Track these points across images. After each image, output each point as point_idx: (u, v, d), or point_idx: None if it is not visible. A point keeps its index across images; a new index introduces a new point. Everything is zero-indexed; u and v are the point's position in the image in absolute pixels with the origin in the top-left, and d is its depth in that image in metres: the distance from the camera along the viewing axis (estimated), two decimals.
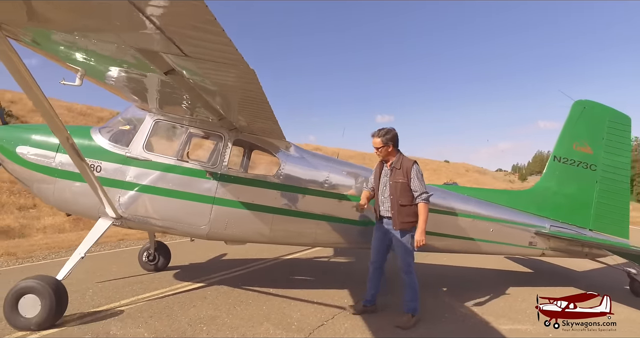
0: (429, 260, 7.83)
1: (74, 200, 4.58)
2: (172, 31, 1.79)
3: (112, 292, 5.00)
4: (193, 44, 1.93)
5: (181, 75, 2.72)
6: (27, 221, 11.95)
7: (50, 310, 3.69)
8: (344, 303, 4.79)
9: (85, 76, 3.40)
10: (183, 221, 4.60)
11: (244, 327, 3.92)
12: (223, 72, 2.38)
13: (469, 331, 3.99)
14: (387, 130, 4.20)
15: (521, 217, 5.44)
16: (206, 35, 1.77)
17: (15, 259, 7.61)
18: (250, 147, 5.15)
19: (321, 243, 5.19)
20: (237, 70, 2.28)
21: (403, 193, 4.06)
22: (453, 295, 5.28)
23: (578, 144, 5.67)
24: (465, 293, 5.32)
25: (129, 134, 4.73)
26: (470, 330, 4.03)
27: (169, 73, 2.68)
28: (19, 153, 4.62)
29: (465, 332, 3.95)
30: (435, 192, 5.37)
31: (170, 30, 1.77)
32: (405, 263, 4.12)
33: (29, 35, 2.64)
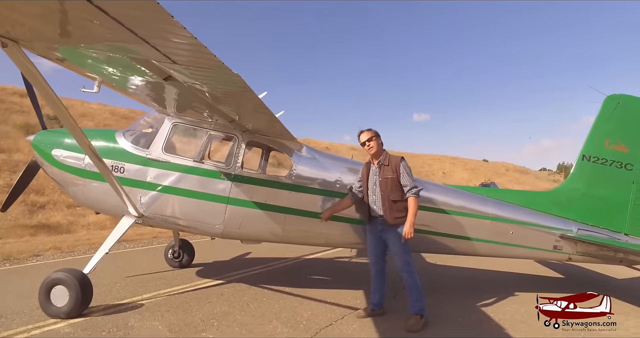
0: (454, 262, 7.61)
1: (101, 200, 4.88)
2: (154, 41, 1.90)
3: (137, 286, 5.29)
4: (175, 52, 2.04)
5: (179, 81, 2.85)
6: (74, 218, 12.87)
7: (77, 300, 3.98)
8: (357, 304, 4.78)
9: (102, 83, 3.61)
10: (199, 220, 4.78)
11: (253, 324, 4.02)
12: (210, 76, 2.48)
13: None
14: (370, 128, 4.33)
15: (544, 219, 5.14)
16: (182, 43, 1.87)
17: (60, 253, 8.26)
18: (267, 148, 5.27)
19: (333, 244, 5.18)
20: (222, 74, 2.36)
21: (393, 188, 4.05)
22: (471, 299, 5.10)
23: (611, 142, 5.25)
24: (484, 298, 5.12)
25: (150, 136, 4.98)
26: (481, 337, 3.87)
27: (168, 79, 2.82)
28: (54, 156, 4.99)
29: None
30: (452, 193, 5.24)
31: (152, 40, 1.88)
32: (404, 262, 4.05)
33: (47, 50, 2.87)
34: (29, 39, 2.62)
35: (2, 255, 7.53)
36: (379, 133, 4.33)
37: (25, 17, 2.19)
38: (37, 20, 2.19)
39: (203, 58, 2.07)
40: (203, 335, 3.71)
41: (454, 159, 68.59)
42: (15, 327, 3.79)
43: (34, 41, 2.68)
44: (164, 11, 1.59)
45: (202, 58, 2.08)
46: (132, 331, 3.73)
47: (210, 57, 1.99)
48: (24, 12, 2.09)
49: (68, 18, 1.98)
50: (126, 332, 3.71)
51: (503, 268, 7.12)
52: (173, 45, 1.96)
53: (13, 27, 2.39)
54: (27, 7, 1.99)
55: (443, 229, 4.98)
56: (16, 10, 2.05)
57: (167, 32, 1.80)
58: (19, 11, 2.06)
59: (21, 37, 2.58)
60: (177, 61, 2.22)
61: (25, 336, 3.60)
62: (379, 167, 4.19)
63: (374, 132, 4.33)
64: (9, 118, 17.79)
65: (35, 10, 2.00)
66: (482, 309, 4.74)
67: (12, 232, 10.64)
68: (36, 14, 2.08)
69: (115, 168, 4.74)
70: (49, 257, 7.79)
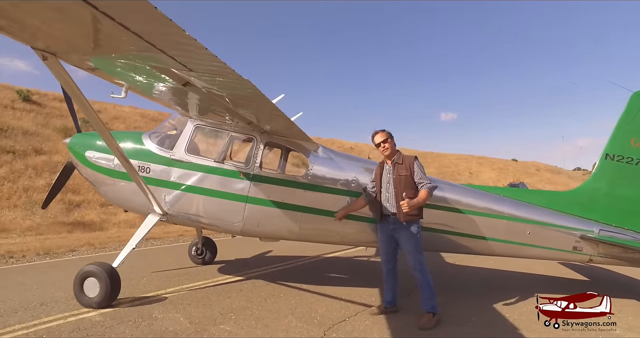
0: (474, 263, 7.53)
1: (129, 199, 5.19)
2: (171, 52, 2.10)
3: (162, 281, 5.59)
4: (191, 61, 2.23)
5: (197, 86, 3.06)
6: (106, 216, 13.59)
7: (106, 291, 4.28)
8: (371, 301, 4.86)
9: (129, 89, 3.89)
10: (220, 218, 4.99)
11: (269, 318, 4.18)
12: (223, 82, 2.65)
13: None
14: (384, 129, 4.38)
15: (563, 219, 5.03)
16: (196, 53, 2.05)
17: (93, 249, 8.79)
18: (286, 148, 5.44)
19: (349, 242, 5.27)
20: (234, 80, 2.54)
21: (407, 185, 4.11)
22: (488, 299, 5.06)
23: (638, 140, 5.07)
24: (501, 298, 5.07)
25: (174, 138, 5.25)
26: (491, 336, 3.87)
27: (187, 85, 3.03)
28: (87, 157, 5.35)
29: None
30: (468, 192, 5.23)
31: (170, 51, 2.08)
32: (416, 261, 4.09)
33: (81, 61, 3.15)
34: (66, 51, 2.90)
35: (43, 250, 8.12)
36: (392, 134, 4.40)
37: (64, 34, 2.45)
38: (73, 36, 2.44)
39: (215, 66, 2.25)
40: (221, 327, 3.90)
41: (481, 159, 66.85)
42: (55, 314, 4.14)
43: (69, 53, 2.96)
44: (178, 27, 1.77)
45: (214, 66, 2.26)
46: (156, 322, 3.98)
47: (221, 65, 2.16)
48: (63, 29, 2.34)
49: (98, 34, 2.20)
50: (150, 322, 3.96)
51: (524, 270, 6.99)
52: (188, 55, 2.15)
53: (53, 42, 2.67)
54: (66, 26, 2.23)
55: (458, 228, 4.98)
56: (57, 29, 2.30)
57: (181, 44, 1.99)
58: (59, 29, 2.31)
59: (59, 50, 2.86)
60: (193, 69, 2.41)
61: (63, 322, 3.92)
62: (393, 165, 4.26)
63: (388, 133, 4.39)
64: (50, 122, 18.97)
65: (72, 28, 2.24)
66: (497, 309, 4.71)
67: (52, 228, 11.37)
68: (73, 31, 2.33)
69: (142, 168, 5.03)
70: (83, 252, 8.32)
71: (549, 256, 5.08)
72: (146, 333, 3.68)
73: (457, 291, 5.50)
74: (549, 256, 5.08)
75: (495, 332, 4.00)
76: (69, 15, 1.97)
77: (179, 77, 2.82)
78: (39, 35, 2.59)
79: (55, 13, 2.01)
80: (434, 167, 55.56)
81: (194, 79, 2.77)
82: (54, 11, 1.97)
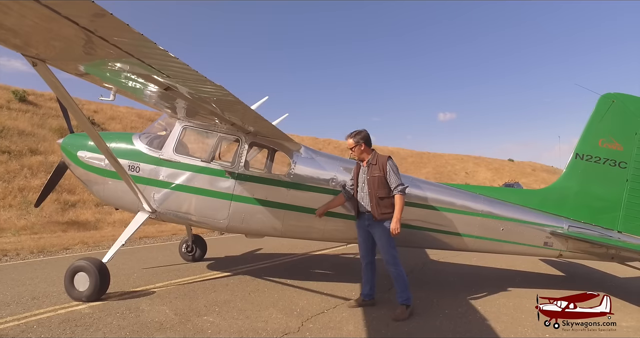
0: (457, 260, 7.76)
1: (119, 197, 5.38)
2: (148, 61, 2.31)
3: (152, 276, 5.79)
4: (166, 68, 2.44)
5: (178, 90, 3.26)
6: (101, 216, 13.74)
7: (96, 286, 4.48)
8: (351, 295, 5.06)
9: (117, 92, 4.09)
10: (206, 215, 5.19)
11: (251, 310, 4.39)
12: (200, 88, 2.86)
13: (459, 328, 4.03)
14: (358, 131, 4.52)
15: (534, 216, 5.26)
16: (170, 63, 2.26)
17: (87, 247, 8.96)
18: (270, 148, 5.64)
19: (330, 238, 5.48)
20: (207, 86, 2.75)
21: (380, 186, 4.29)
22: (464, 293, 5.27)
23: (605, 141, 5.29)
24: (476, 293, 5.29)
25: (163, 138, 5.45)
26: (462, 327, 4.06)
27: (169, 89, 3.24)
28: (79, 157, 5.53)
29: (454, 328, 4.01)
30: (445, 191, 5.45)
31: (146, 60, 2.29)
32: (390, 256, 4.30)
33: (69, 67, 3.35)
34: (55, 58, 3.10)
35: (37, 248, 8.29)
36: (363, 135, 4.50)
37: (52, 43, 2.66)
38: (61, 46, 2.64)
39: (188, 73, 2.45)
40: (205, 318, 4.10)
41: (477, 159, 67.18)
42: (45, 307, 4.33)
43: (58, 60, 3.16)
44: (150, 41, 1.98)
45: (187, 73, 2.46)
46: (143, 313, 4.18)
47: (193, 72, 2.37)
48: (51, 39, 2.55)
49: (82, 45, 2.41)
50: (137, 314, 4.16)
51: (504, 266, 7.22)
52: (163, 64, 2.36)
53: (43, 49, 2.87)
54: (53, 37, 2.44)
55: (435, 225, 5.21)
56: (46, 38, 2.51)
57: (156, 54, 2.19)
58: (48, 39, 2.52)
59: (48, 57, 3.06)
60: (170, 75, 2.62)
61: (53, 314, 4.11)
62: (367, 166, 4.47)
63: (357, 139, 4.47)
64: (46, 122, 19.10)
65: (59, 39, 2.45)
66: (471, 302, 4.92)
67: (47, 228, 11.53)
68: (60, 41, 2.54)
69: (132, 167, 5.23)
70: (77, 250, 8.49)
71: (521, 251, 5.31)
72: (132, 323, 3.88)
73: (436, 286, 5.72)
74: (521, 251, 5.31)
75: (464, 322, 4.21)
76: (55, 28, 2.17)
77: (160, 82, 3.03)
78: (30, 43, 2.78)
79: (45, 25, 2.21)
80: (430, 167, 55.85)
81: (173, 84, 2.98)
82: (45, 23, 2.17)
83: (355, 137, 4.48)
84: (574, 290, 5.51)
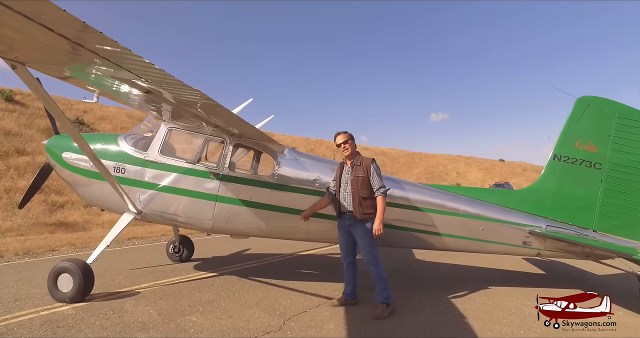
0: (442, 259, 7.89)
1: (105, 198, 5.40)
2: (127, 66, 2.36)
3: (137, 277, 5.81)
4: (145, 74, 2.49)
5: (159, 94, 3.32)
6: (90, 217, 13.66)
7: (79, 287, 4.49)
8: (334, 295, 5.13)
9: (100, 94, 4.12)
10: (191, 216, 5.24)
11: (234, 310, 4.44)
12: (179, 92, 2.92)
13: (437, 325, 4.13)
14: (346, 131, 4.64)
15: (514, 216, 5.39)
16: (149, 69, 2.32)
17: (74, 248, 8.91)
18: (256, 150, 5.69)
19: (314, 239, 5.55)
20: (188, 90, 2.81)
21: (363, 186, 4.38)
22: (445, 292, 5.37)
23: (581, 142, 5.45)
24: (457, 291, 5.40)
25: (148, 140, 5.47)
26: (440, 324, 4.16)
27: (149, 93, 3.29)
28: (64, 158, 5.54)
29: (433, 326, 4.11)
30: (427, 191, 5.56)
31: (124, 66, 2.35)
32: (370, 256, 4.39)
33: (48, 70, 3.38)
34: (33, 62, 3.13)
35: (23, 250, 8.22)
36: (353, 136, 4.67)
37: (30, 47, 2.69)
38: (38, 50, 2.68)
39: (166, 79, 2.51)
40: (188, 318, 4.15)
41: (468, 159, 67.80)
42: (27, 309, 4.34)
43: (36, 63, 3.19)
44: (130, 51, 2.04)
45: (165, 79, 2.52)
46: (126, 314, 4.20)
47: (170, 78, 2.43)
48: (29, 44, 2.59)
49: (60, 51, 2.45)
50: (121, 314, 4.19)
51: (488, 265, 7.36)
52: (142, 70, 2.41)
53: (21, 53, 2.91)
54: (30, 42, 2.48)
55: (417, 225, 5.31)
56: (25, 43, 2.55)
57: (135, 61, 2.25)
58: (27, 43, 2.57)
59: (26, 61, 3.09)
60: (149, 80, 2.67)
61: (35, 316, 4.12)
62: (352, 166, 4.55)
63: (349, 135, 4.66)
64: (34, 122, 18.89)
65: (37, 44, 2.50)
66: (451, 301, 5.03)
67: (34, 229, 11.43)
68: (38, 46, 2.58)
69: (117, 169, 5.25)
70: (64, 252, 8.44)
71: (501, 250, 5.44)
72: (115, 324, 3.91)
73: (419, 285, 5.82)
74: (501, 250, 5.44)
75: (443, 320, 4.31)
76: (31, 34, 2.22)
77: (141, 86, 3.08)
78: (10, 47, 2.81)
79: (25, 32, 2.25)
80: (422, 167, 56.25)
81: (153, 88, 3.04)
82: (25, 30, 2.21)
83: (346, 133, 4.61)
84: (552, 288, 5.73)
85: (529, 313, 4.60)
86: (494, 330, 4.09)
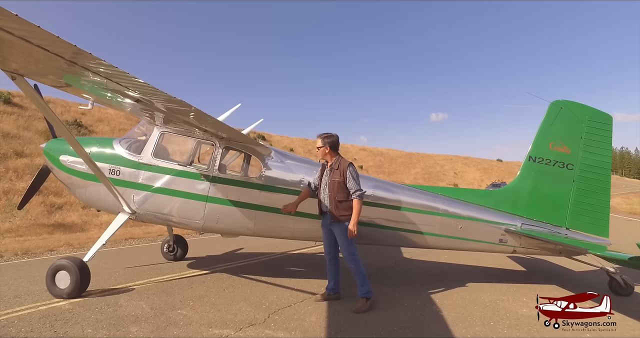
0: (428, 257, 8.14)
1: (101, 199, 5.65)
2: (115, 79, 2.63)
3: (132, 275, 6.06)
4: (132, 86, 2.75)
5: (149, 103, 3.58)
6: (88, 218, 13.89)
7: (76, 283, 4.75)
8: (319, 290, 5.39)
9: (95, 101, 4.38)
10: (183, 216, 5.49)
11: (223, 304, 4.70)
12: (166, 102, 3.19)
13: (414, 318, 4.38)
14: (328, 135, 4.83)
15: (490, 214, 5.65)
16: (134, 83, 2.58)
17: (72, 248, 9.16)
18: (245, 153, 5.94)
19: (299, 237, 5.79)
20: (173, 101, 3.07)
21: (339, 190, 4.61)
22: (426, 288, 5.63)
23: (554, 144, 5.73)
24: (438, 287, 5.66)
25: (142, 143, 5.73)
26: (417, 317, 4.41)
27: (139, 101, 3.55)
28: (62, 161, 5.79)
29: (410, 319, 4.36)
30: (407, 191, 5.82)
31: (113, 79, 2.61)
32: (348, 253, 4.65)
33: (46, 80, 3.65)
34: (30, 74, 3.39)
35: (21, 250, 8.47)
36: (332, 140, 4.83)
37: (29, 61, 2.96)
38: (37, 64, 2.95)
39: (149, 91, 2.77)
40: (178, 312, 4.41)
41: (466, 159, 68.19)
42: (27, 304, 4.59)
43: (35, 75, 3.46)
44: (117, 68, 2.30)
45: (148, 90, 2.78)
46: (120, 308, 4.46)
47: (153, 89, 2.69)
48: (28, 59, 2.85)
49: (56, 67, 2.71)
50: (115, 309, 4.44)
51: (472, 263, 7.62)
52: (129, 83, 2.67)
53: (20, 66, 3.17)
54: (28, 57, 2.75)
55: (398, 224, 5.57)
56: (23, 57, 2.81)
57: (121, 75, 2.51)
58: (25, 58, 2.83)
59: (25, 73, 3.36)
60: (137, 91, 2.93)
61: (34, 310, 4.38)
62: (330, 169, 4.80)
63: (326, 140, 4.80)
64: (32, 125, 19.14)
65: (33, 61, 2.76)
66: (431, 296, 5.29)
67: (32, 230, 11.67)
68: (34, 62, 2.84)
69: (112, 171, 5.51)
70: (62, 252, 8.69)
71: (478, 248, 5.70)
72: (110, 317, 4.17)
73: (401, 282, 6.08)
74: (478, 248, 5.70)
75: (420, 314, 4.57)
76: (30, 53, 2.48)
77: (130, 96, 3.34)
78: (9, 59, 3.07)
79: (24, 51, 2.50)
80: (419, 167, 56.55)
81: (143, 98, 3.30)
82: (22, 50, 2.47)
83: (323, 140, 4.79)
84: (530, 283, 6.00)
85: (502, 306, 4.88)
86: (466, 321, 4.34)
